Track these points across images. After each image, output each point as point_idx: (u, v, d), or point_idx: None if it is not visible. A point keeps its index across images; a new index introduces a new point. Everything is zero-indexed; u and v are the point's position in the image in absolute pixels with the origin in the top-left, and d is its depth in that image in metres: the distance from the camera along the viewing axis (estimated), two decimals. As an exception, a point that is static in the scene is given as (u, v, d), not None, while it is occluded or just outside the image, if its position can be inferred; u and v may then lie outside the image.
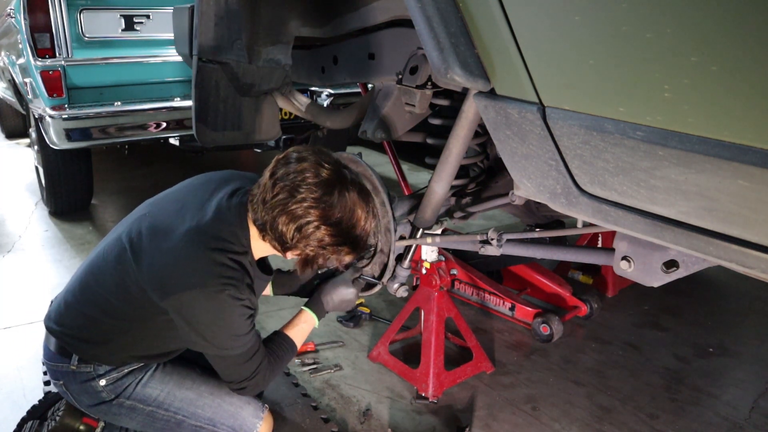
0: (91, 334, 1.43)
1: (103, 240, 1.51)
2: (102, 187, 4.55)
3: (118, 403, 1.46)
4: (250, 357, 1.39)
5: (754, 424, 1.94)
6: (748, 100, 0.74)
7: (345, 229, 1.33)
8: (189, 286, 1.27)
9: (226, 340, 1.34)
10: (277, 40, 2.07)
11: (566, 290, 2.56)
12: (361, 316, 2.59)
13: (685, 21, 0.77)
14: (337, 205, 1.30)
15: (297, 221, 1.28)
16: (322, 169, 1.30)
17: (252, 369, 1.41)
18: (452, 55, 1.14)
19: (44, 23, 3.15)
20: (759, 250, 0.86)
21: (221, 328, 1.32)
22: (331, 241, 1.33)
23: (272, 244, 1.36)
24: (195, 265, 1.28)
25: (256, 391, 1.48)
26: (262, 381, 1.45)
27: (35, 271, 3.16)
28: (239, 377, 1.42)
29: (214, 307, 1.29)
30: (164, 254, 1.31)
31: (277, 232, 1.31)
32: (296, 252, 1.37)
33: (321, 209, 1.28)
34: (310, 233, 1.30)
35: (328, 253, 1.36)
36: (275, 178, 1.31)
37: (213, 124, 2.14)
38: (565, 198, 1.16)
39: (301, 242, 1.32)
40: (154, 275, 1.31)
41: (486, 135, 1.87)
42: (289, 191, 1.28)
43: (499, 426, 1.93)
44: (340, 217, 1.31)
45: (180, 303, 1.29)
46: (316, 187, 1.28)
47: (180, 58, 3.02)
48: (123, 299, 1.37)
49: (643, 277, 1.34)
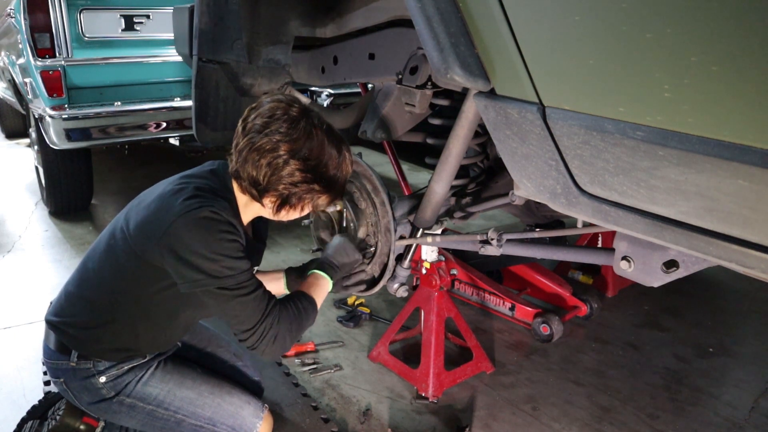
0: (91, 318, 1.43)
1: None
2: (102, 187, 4.56)
3: (118, 401, 1.46)
4: (252, 290, 1.33)
5: (754, 424, 1.94)
6: (748, 100, 0.74)
7: (315, 165, 1.35)
8: (171, 218, 1.28)
9: (220, 265, 1.28)
10: (277, 40, 2.07)
11: (566, 290, 2.56)
12: (361, 316, 2.59)
13: (685, 21, 0.77)
14: (304, 138, 1.33)
15: (266, 156, 1.31)
16: (291, 108, 1.35)
17: (261, 308, 1.34)
18: (452, 55, 1.14)
19: (44, 23, 3.15)
20: (759, 250, 0.86)
21: (212, 251, 1.27)
22: (301, 177, 1.34)
23: (250, 192, 1.38)
24: (175, 207, 1.30)
25: (278, 347, 1.37)
26: (280, 329, 1.36)
27: (35, 271, 3.17)
28: (249, 319, 1.33)
29: (198, 226, 1.27)
30: (148, 209, 1.35)
31: (249, 174, 1.34)
32: (272, 195, 1.38)
33: (288, 143, 1.31)
34: (280, 167, 1.32)
35: (301, 191, 1.37)
36: (245, 122, 1.36)
37: (213, 124, 2.14)
38: (565, 198, 1.16)
39: (272, 181, 1.34)
40: (142, 230, 1.34)
41: (486, 135, 1.87)
42: (258, 129, 1.32)
43: (499, 426, 1.93)
44: (309, 152, 1.33)
45: (168, 238, 1.28)
46: (284, 122, 1.32)
47: (180, 58, 3.02)
48: (118, 275, 1.40)
49: (643, 277, 1.34)
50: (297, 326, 1.41)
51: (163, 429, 1.51)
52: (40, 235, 3.68)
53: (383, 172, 2.42)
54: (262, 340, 1.34)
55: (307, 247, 3.49)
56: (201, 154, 4.65)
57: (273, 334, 1.35)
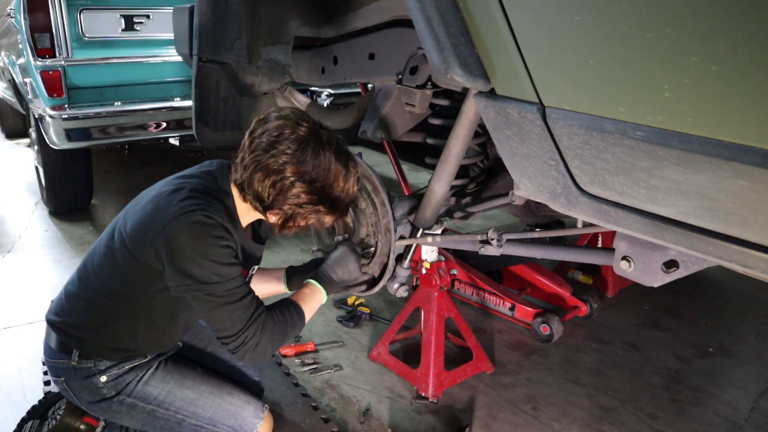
0: (91, 319, 1.43)
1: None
2: (102, 187, 4.56)
3: (119, 401, 1.46)
4: (239, 298, 1.32)
5: (754, 424, 1.94)
6: (748, 100, 0.74)
7: (321, 187, 1.34)
8: (165, 220, 1.28)
9: (209, 271, 1.28)
10: (277, 40, 2.07)
11: (566, 290, 2.56)
12: (361, 316, 2.59)
13: (685, 21, 0.77)
14: (312, 161, 1.32)
15: (271, 177, 1.31)
16: (300, 127, 1.32)
17: (246, 316, 1.33)
18: (452, 55, 1.14)
19: (44, 23, 3.15)
20: (759, 250, 0.86)
21: (202, 256, 1.27)
22: (307, 200, 1.34)
23: (253, 205, 1.38)
24: (170, 208, 1.29)
25: (258, 354, 1.36)
26: (262, 338, 1.36)
27: (35, 271, 3.17)
28: (233, 326, 1.32)
29: (191, 229, 1.26)
30: (144, 210, 1.35)
31: (254, 190, 1.33)
32: (276, 212, 1.38)
33: (295, 165, 1.30)
34: (286, 189, 1.32)
35: (306, 212, 1.37)
36: (253, 137, 1.34)
37: (213, 124, 2.14)
38: (565, 198, 1.16)
39: (278, 200, 1.33)
40: (138, 231, 1.33)
41: (486, 135, 1.87)
42: (265, 148, 1.31)
43: (499, 426, 1.93)
44: (316, 175, 1.33)
45: (161, 239, 1.27)
46: (291, 143, 1.30)
47: (180, 58, 3.02)
48: (117, 277, 1.40)
49: (643, 277, 1.34)
50: (280, 337, 1.41)
51: (164, 429, 1.51)
52: (40, 235, 3.68)
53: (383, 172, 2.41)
54: (242, 347, 1.34)
55: (307, 247, 3.49)
56: (201, 154, 4.64)
57: (254, 343, 1.35)
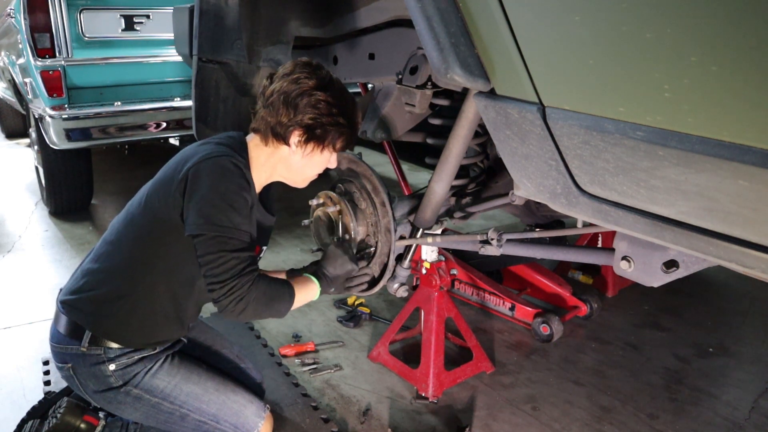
0: (109, 290, 1.44)
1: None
2: (102, 187, 4.56)
3: (125, 391, 1.45)
4: (240, 249, 1.35)
5: (754, 424, 1.94)
6: (748, 100, 0.74)
7: (339, 97, 1.46)
8: (195, 160, 1.39)
9: (223, 214, 1.33)
10: (277, 40, 2.07)
11: (566, 290, 2.56)
12: (361, 316, 2.59)
13: (685, 21, 0.77)
14: (328, 78, 1.47)
15: (293, 92, 1.42)
16: (310, 61, 1.49)
17: (240, 268, 1.34)
18: (452, 55, 1.14)
19: (44, 23, 3.15)
20: (759, 250, 0.86)
21: (221, 198, 1.34)
22: (327, 108, 1.44)
23: (275, 135, 1.46)
24: (199, 154, 1.41)
25: (239, 310, 1.35)
26: (248, 294, 1.35)
27: (35, 271, 3.17)
28: (225, 273, 1.33)
29: (217, 171, 1.36)
30: (168, 167, 1.48)
31: (277, 117, 1.43)
32: (298, 131, 1.45)
33: (315, 79, 1.44)
34: (308, 97, 1.42)
35: (327, 122, 1.45)
36: (265, 87, 1.48)
37: (213, 124, 2.14)
38: (565, 198, 1.16)
39: (300, 109, 1.42)
40: (163, 181, 1.45)
41: (486, 135, 1.87)
42: (282, 76, 1.45)
43: (499, 426, 1.93)
44: (333, 89, 1.46)
45: (189, 174, 1.37)
46: (305, 68, 1.45)
47: (180, 58, 3.02)
48: (137, 242, 1.45)
49: (643, 277, 1.34)
50: (266, 302, 1.40)
51: (167, 423, 1.51)
52: (40, 235, 3.68)
53: (383, 172, 2.41)
54: (228, 296, 1.33)
55: (307, 247, 3.49)
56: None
57: (240, 296, 1.34)
